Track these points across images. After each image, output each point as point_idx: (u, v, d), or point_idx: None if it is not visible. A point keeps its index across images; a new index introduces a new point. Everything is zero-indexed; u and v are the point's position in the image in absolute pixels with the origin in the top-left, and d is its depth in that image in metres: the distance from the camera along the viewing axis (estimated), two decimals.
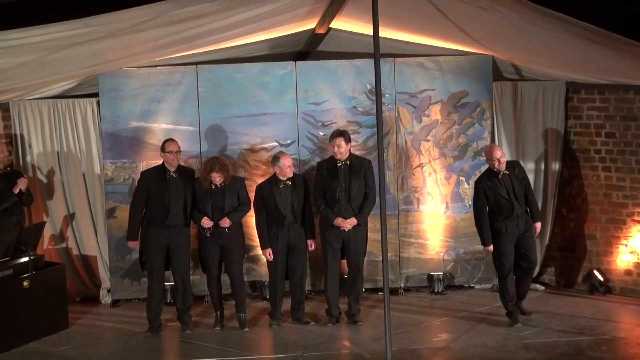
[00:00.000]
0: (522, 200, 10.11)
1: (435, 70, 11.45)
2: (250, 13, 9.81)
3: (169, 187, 10.16)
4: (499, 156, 10.07)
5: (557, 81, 11.36)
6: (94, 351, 9.79)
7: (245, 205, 10.29)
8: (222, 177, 10.13)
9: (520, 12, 9.55)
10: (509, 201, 10.05)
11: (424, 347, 9.54)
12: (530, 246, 10.19)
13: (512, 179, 10.10)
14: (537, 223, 10.24)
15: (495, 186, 10.08)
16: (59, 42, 9.32)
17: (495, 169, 10.07)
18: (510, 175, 10.10)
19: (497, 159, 10.05)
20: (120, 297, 11.43)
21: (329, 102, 11.36)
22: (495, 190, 10.08)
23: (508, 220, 10.07)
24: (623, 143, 11.03)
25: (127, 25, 9.36)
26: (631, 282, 11.12)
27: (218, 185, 10.15)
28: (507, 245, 10.08)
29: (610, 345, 9.37)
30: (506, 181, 10.09)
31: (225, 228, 10.13)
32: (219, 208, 10.16)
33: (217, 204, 10.16)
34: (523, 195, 10.13)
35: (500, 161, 10.05)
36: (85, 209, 11.48)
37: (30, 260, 10.15)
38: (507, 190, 10.07)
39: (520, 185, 10.13)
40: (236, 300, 10.40)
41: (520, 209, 10.09)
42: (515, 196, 10.06)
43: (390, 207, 11.18)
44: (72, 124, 11.37)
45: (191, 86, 11.25)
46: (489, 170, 10.20)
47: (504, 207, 10.06)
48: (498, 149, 10.21)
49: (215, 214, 10.16)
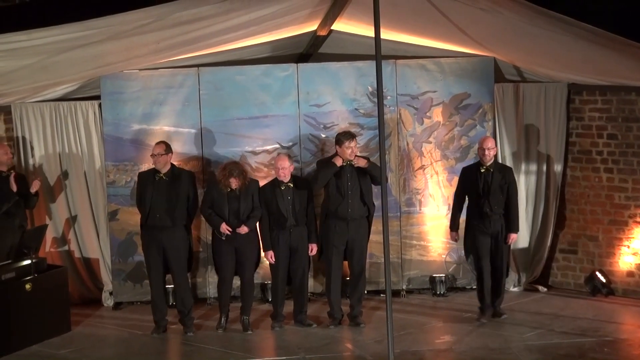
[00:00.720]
0: (496, 202, 10.25)
1: (437, 72, 11.45)
2: (252, 15, 9.82)
3: (154, 188, 10.19)
4: (489, 146, 10.28)
5: (559, 83, 11.36)
6: (96, 354, 9.79)
7: (258, 210, 10.26)
8: (239, 182, 10.12)
9: (521, 14, 9.54)
10: (479, 196, 10.23)
11: (426, 349, 9.54)
12: (498, 253, 10.35)
13: (494, 178, 10.25)
14: (512, 234, 10.37)
15: (474, 178, 10.33)
16: (60, 44, 9.33)
17: (482, 159, 10.31)
18: (493, 175, 10.26)
19: (486, 149, 10.28)
20: (123, 300, 11.43)
21: (331, 104, 11.36)
22: (472, 182, 10.34)
23: (481, 219, 10.27)
24: (625, 144, 11.02)
25: (129, 27, 9.37)
26: (633, 284, 11.11)
27: (234, 189, 10.14)
28: (481, 245, 10.31)
29: (613, 347, 9.37)
30: (486, 177, 10.29)
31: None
32: (234, 211, 10.15)
33: (232, 207, 10.15)
34: (500, 199, 10.26)
35: (488, 153, 10.27)
36: (87, 211, 11.48)
37: (32, 263, 10.15)
38: (483, 186, 10.25)
39: (499, 188, 10.26)
40: (243, 303, 10.39)
41: (490, 210, 10.24)
42: (487, 194, 10.22)
43: (392, 209, 11.17)
44: (74, 126, 11.37)
45: (193, 88, 11.25)
46: (477, 161, 10.44)
47: (474, 201, 10.31)
48: (491, 141, 10.39)
49: (231, 217, 10.15)
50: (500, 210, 10.31)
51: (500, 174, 10.34)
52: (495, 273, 10.41)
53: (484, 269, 10.38)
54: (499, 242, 10.36)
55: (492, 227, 10.30)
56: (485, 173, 10.32)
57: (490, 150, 10.29)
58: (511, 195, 10.36)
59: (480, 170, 10.34)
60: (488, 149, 10.28)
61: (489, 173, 10.31)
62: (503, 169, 10.48)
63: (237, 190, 10.15)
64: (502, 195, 10.31)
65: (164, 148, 10.30)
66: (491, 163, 10.36)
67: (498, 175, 10.30)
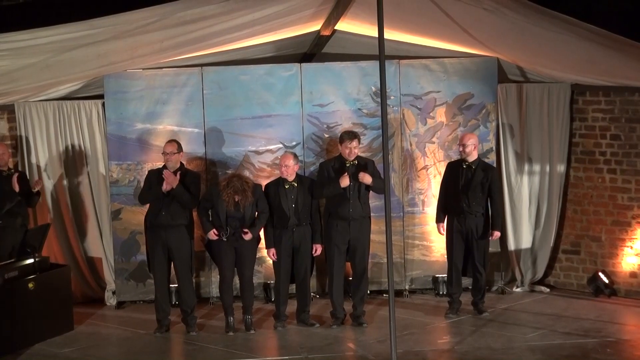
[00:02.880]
0: (474, 199, 10.36)
1: (440, 72, 11.46)
2: (256, 15, 9.82)
3: (160, 187, 10.16)
4: (465, 142, 10.45)
5: (562, 83, 11.36)
6: (98, 353, 9.79)
7: (264, 214, 10.23)
8: (242, 198, 10.10)
9: (525, 14, 9.54)
10: (458, 192, 10.36)
11: (429, 349, 9.54)
12: (479, 249, 10.46)
13: (475, 175, 10.36)
14: (495, 231, 10.49)
15: (456, 173, 10.47)
16: (64, 43, 9.34)
17: (460, 155, 10.50)
18: (475, 172, 10.37)
19: (462, 145, 10.46)
20: (125, 299, 11.44)
21: (334, 104, 11.37)
22: (453, 177, 10.48)
23: (457, 215, 10.42)
24: (628, 145, 11.02)
25: (133, 27, 9.37)
26: (636, 285, 11.11)
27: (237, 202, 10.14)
28: (455, 242, 10.47)
29: (616, 348, 9.36)
30: (467, 174, 10.39)
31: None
32: (239, 218, 10.11)
33: (237, 215, 10.11)
34: (479, 196, 10.37)
35: (464, 149, 10.43)
36: (90, 210, 11.49)
37: (35, 262, 10.16)
38: (463, 182, 10.36)
39: (479, 185, 10.37)
40: (244, 303, 10.38)
41: (467, 206, 10.35)
42: (466, 191, 10.32)
43: (395, 209, 11.19)
44: (77, 125, 11.38)
45: (196, 88, 11.26)
46: (460, 158, 10.55)
47: (452, 196, 10.44)
48: (469, 138, 10.54)
49: (231, 220, 10.13)
50: (478, 208, 10.39)
51: (483, 172, 10.43)
52: (473, 271, 10.52)
53: (454, 265, 10.55)
54: (475, 241, 10.44)
55: (467, 224, 10.41)
56: (466, 169, 10.42)
57: (466, 147, 10.41)
58: (493, 194, 10.45)
59: (462, 166, 10.45)
60: (463, 145, 10.44)
61: (470, 170, 10.41)
62: (486, 168, 10.54)
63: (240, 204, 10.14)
64: (482, 194, 10.39)
65: (176, 147, 10.31)
66: (474, 160, 10.45)
67: (480, 173, 10.40)
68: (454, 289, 10.64)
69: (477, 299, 10.63)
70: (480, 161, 10.54)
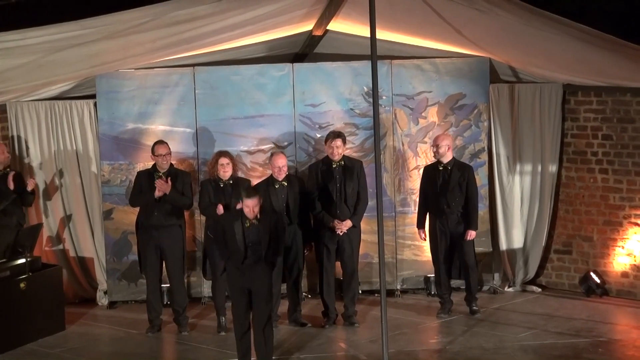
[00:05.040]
0: (453, 199, 10.40)
1: (432, 72, 11.46)
2: (248, 15, 9.82)
3: (153, 187, 10.16)
4: (438, 143, 10.48)
5: (554, 83, 11.36)
6: (90, 353, 9.78)
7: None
8: (231, 162, 10.17)
9: (517, 14, 9.55)
10: (437, 194, 10.41)
11: (420, 349, 9.55)
12: (464, 249, 10.48)
13: (452, 175, 10.41)
14: (470, 231, 10.45)
15: (432, 175, 10.54)
16: (56, 43, 9.33)
17: (434, 156, 10.56)
18: (452, 172, 10.42)
19: (436, 146, 10.51)
20: (117, 299, 11.43)
21: (326, 104, 11.37)
22: (431, 179, 10.55)
23: (439, 217, 10.46)
24: (620, 145, 11.03)
25: (125, 27, 9.37)
26: (628, 284, 11.12)
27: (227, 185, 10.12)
28: (440, 243, 10.50)
29: (607, 348, 9.38)
30: (444, 175, 10.44)
31: None
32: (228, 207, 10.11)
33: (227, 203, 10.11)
34: (458, 196, 10.40)
35: (438, 150, 10.46)
36: (82, 210, 11.47)
37: (27, 261, 10.14)
38: (441, 183, 10.41)
39: (457, 185, 10.41)
40: None
41: (447, 206, 10.40)
42: (445, 191, 10.38)
43: (387, 209, 11.20)
44: (69, 125, 11.36)
45: (188, 88, 11.25)
46: (436, 160, 10.60)
47: (431, 198, 10.50)
48: (443, 138, 10.57)
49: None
50: (458, 208, 10.43)
51: (459, 171, 10.46)
52: (463, 271, 10.54)
53: (440, 266, 10.59)
54: (461, 241, 10.45)
55: (450, 224, 10.45)
56: (443, 171, 10.46)
57: (440, 148, 10.44)
58: (470, 193, 10.46)
59: (438, 167, 10.48)
60: (437, 146, 10.46)
61: (446, 171, 10.44)
62: (462, 167, 10.56)
63: (229, 187, 10.12)
64: (461, 193, 10.42)
65: (169, 148, 10.32)
66: (450, 161, 10.48)
67: (457, 173, 10.43)
68: (443, 289, 10.67)
69: (469, 298, 10.64)
70: (455, 161, 10.57)
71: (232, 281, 9.02)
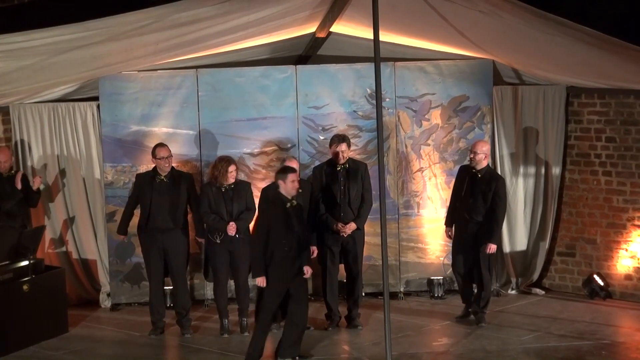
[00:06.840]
0: (474, 209, 10.19)
1: (435, 75, 11.45)
2: (251, 17, 9.81)
3: (155, 191, 10.18)
4: (474, 150, 10.28)
5: (558, 85, 11.36)
6: (93, 355, 9.79)
7: (250, 210, 10.23)
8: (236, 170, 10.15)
9: (520, 17, 9.55)
10: (461, 199, 10.29)
11: (424, 352, 9.54)
12: (480, 261, 10.25)
13: (481, 182, 10.21)
14: (490, 244, 10.19)
15: (462, 178, 10.41)
16: (59, 45, 9.33)
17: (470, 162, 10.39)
18: (482, 179, 10.21)
19: (473, 152, 10.31)
20: (120, 301, 11.42)
21: (329, 106, 11.36)
22: (460, 181, 10.42)
23: (460, 221, 10.34)
24: (623, 147, 11.03)
25: (128, 29, 9.36)
26: (631, 287, 11.11)
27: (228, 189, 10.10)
28: (457, 246, 10.43)
29: (611, 350, 9.37)
30: (472, 181, 10.27)
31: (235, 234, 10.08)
32: (229, 212, 10.11)
33: (227, 208, 10.10)
34: (479, 206, 10.18)
35: (474, 156, 10.29)
36: (85, 212, 11.47)
37: (30, 264, 10.14)
38: (466, 189, 10.26)
39: (481, 195, 10.18)
40: (240, 305, 10.37)
41: (467, 214, 10.24)
42: (467, 198, 10.24)
43: (390, 212, 11.17)
44: (72, 127, 11.37)
45: (191, 90, 11.25)
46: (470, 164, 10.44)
47: (458, 202, 10.37)
48: (478, 145, 10.35)
49: (227, 217, 10.11)
50: (478, 217, 10.23)
51: (488, 181, 10.20)
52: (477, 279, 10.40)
53: (457, 275, 10.53)
54: (476, 249, 10.26)
55: (469, 231, 10.30)
56: (472, 177, 10.30)
57: (476, 155, 10.24)
58: (495, 205, 10.17)
59: (470, 171, 10.35)
60: (473, 153, 10.28)
61: (476, 178, 10.26)
62: (492, 178, 10.27)
63: (230, 191, 10.12)
64: (484, 203, 10.18)
65: (169, 150, 10.31)
66: (483, 169, 10.27)
67: (485, 182, 10.19)
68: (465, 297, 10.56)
69: (477, 308, 10.42)
70: (488, 169, 10.33)
71: (279, 274, 9.13)
